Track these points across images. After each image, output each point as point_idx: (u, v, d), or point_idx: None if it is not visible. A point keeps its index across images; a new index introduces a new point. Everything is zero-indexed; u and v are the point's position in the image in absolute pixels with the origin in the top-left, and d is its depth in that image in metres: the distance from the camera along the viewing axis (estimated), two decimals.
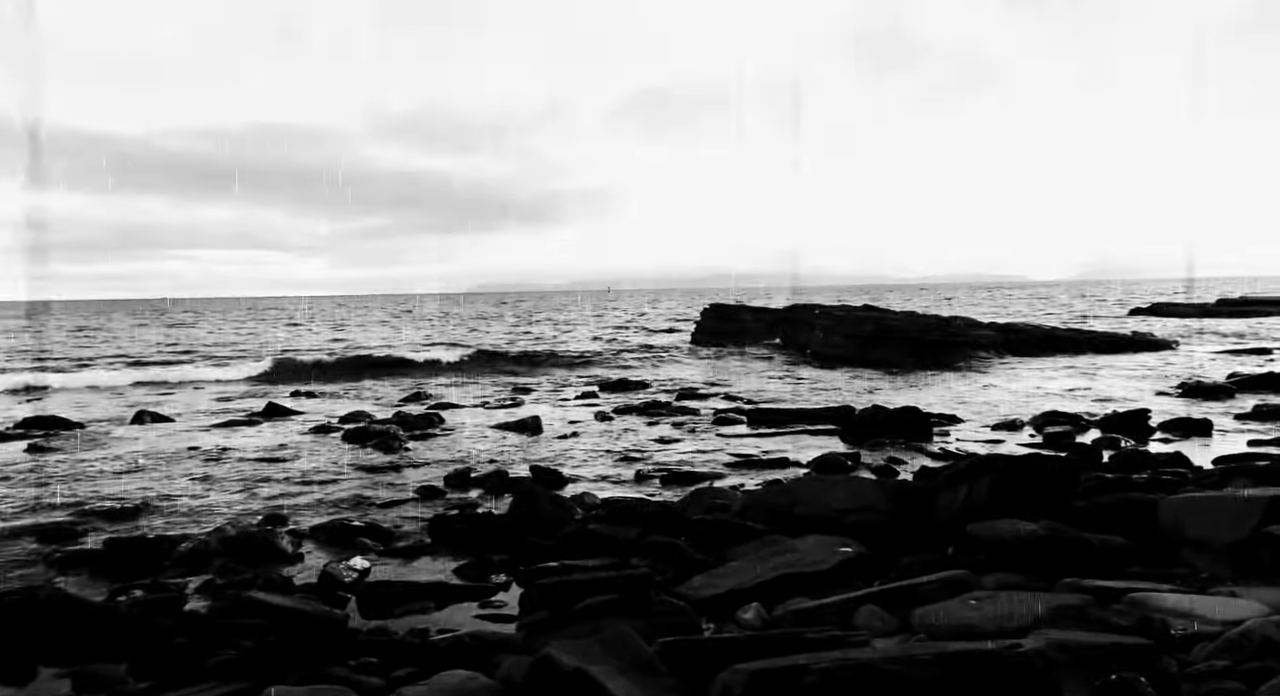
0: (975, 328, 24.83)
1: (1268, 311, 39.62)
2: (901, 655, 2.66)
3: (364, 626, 4.93)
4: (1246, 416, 12.22)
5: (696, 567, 5.68)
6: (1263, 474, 7.00)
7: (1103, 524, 5.58)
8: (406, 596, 5.35)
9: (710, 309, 30.70)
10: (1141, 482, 7.51)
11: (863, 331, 23.39)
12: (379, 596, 5.39)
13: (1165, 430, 11.28)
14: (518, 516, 6.95)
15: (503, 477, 9.12)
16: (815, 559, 5.46)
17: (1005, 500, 6.01)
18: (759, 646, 3.09)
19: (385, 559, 6.47)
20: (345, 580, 5.71)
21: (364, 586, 5.60)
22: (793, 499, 6.62)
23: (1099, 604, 4.12)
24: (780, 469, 9.63)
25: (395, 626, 4.95)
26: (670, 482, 9.03)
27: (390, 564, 6.36)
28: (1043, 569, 4.95)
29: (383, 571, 6.11)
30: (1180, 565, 5.00)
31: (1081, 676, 3.00)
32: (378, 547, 6.70)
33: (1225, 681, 3.12)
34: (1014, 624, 3.90)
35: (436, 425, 13.06)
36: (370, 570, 6.03)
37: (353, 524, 7.19)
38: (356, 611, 5.28)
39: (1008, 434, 11.56)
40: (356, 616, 5.18)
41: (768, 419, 12.99)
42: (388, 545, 6.77)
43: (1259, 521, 4.66)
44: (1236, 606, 3.87)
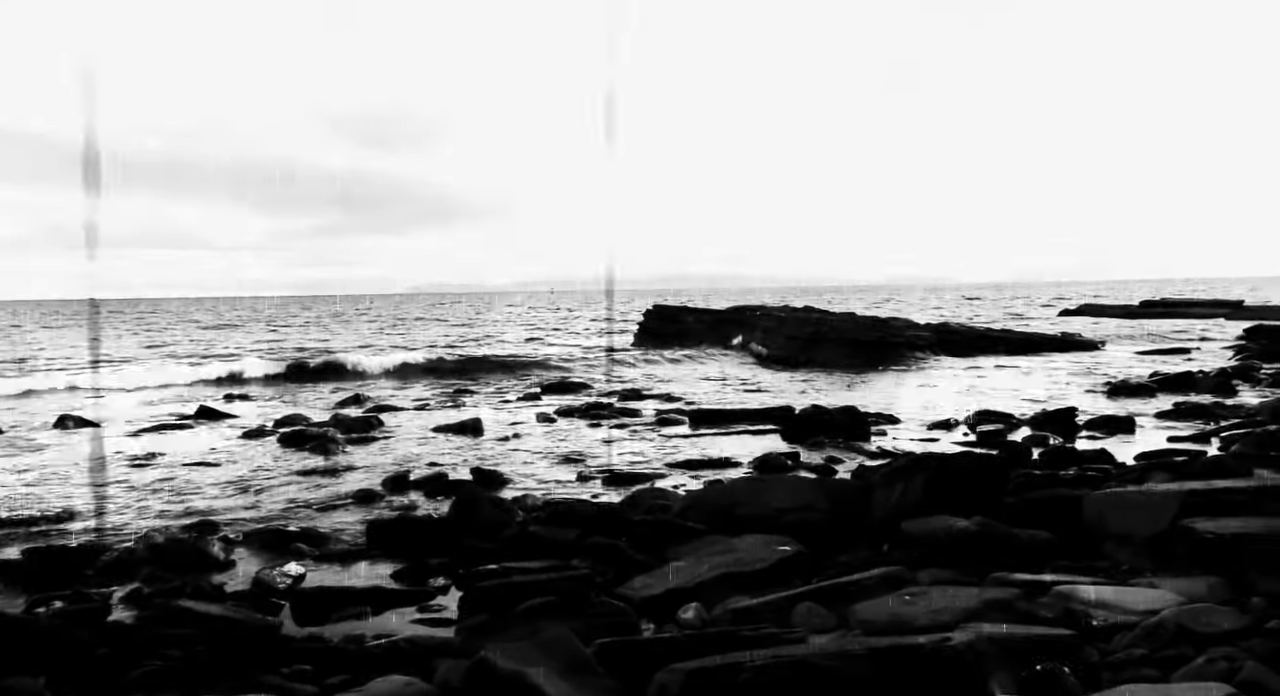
0: (912, 328, 25.33)
1: (1186, 313, 41.22)
2: (835, 651, 2.71)
3: (298, 633, 4.83)
4: (1167, 414, 12.67)
5: (637, 568, 5.69)
6: (1180, 469, 7.26)
7: (1031, 519, 5.74)
8: (342, 602, 5.26)
9: (653, 310, 30.81)
10: (1068, 479, 7.74)
11: (803, 332, 23.70)
12: (313, 602, 5.29)
13: (1091, 428, 11.64)
14: (457, 519, 6.88)
15: (443, 480, 9.02)
16: (755, 558, 5.51)
17: (939, 497, 6.15)
18: (696, 645, 3.11)
19: (321, 564, 6.35)
20: (279, 586, 5.59)
21: (298, 592, 5.49)
22: (733, 499, 6.68)
23: (1026, 597, 4.25)
24: (721, 469, 9.70)
25: (330, 632, 4.86)
26: (612, 483, 9.04)
27: (326, 569, 6.24)
28: (974, 564, 5.08)
29: (318, 577, 6.00)
30: (1103, 558, 5.17)
31: (1008, 667, 3.08)
32: (313, 553, 6.57)
33: (1142, 668, 3.24)
34: (946, 618, 3.99)
35: (376, 428, 12.86)
36: (305, 576, 5.91)
37: (287, 529, 7.04)
38: (290, 618, 5.17)
39: (942, 432, 11.81)
40: (290, 623, 5.07)
41: (709, 419, 13.08)
42: (323, 550, 6.64)
43: (1175, 515, 4.84)
44: (1153, 597, 4.02)
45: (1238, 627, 3.53)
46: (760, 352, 24.26)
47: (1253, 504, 4.97)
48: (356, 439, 11.86)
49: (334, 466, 10.02)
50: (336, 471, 9.77)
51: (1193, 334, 30.76)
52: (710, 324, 28.84)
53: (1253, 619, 3.61)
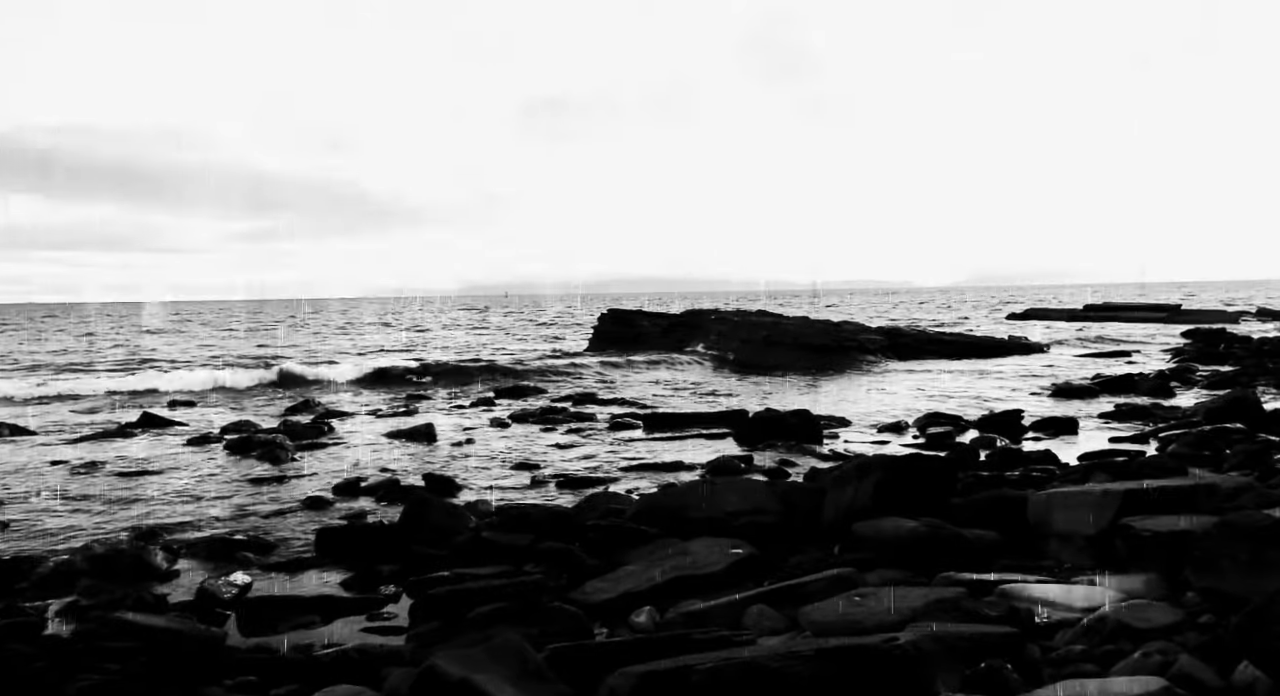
0: (864, 332, 25.67)
1: (1128, 316, 42.34)
2: (784, 652, 2.73)
3: (244, 644, 4.74)
4: (1108, 415, 12.99)
5: (591, 573, 5.68)
6: (1120, 469, 7.46)
7: (978, 519, 5.84)
8: (290, 611, 5.17)
9: (607, 314, 30.78)
10: (1014, 479, 7.91)
11: (757, 336, 23.88)
12: (260, 612, 5.19)
13: (1037, 429, 11.89)
14: (409, 525, 6.81)
15: (394, 486, 8.92)
16: (707, 561, 5.54)
17: (888, 499, 6.23)
18: (648, 649, 3.11)
19: (268, 573, 6.23)
20: (224, 596, 5.47)
21: (244, 602, 5.38)
22: (686, 502, 6.70)
23: (972, 596, 4.32)
24: (675, 472, 9.73)
25: (277, 642, 4.77)
26: (566, 488, 9.01)
27: (273, 578, 6.12)
28: (923, 564, 5.15)
29: (265, 586, 5.88)
30: (1047, 556, 5.27)
31: (953, 665, 3.14)
32: (260, 561, 6.45)
33: (1082, 664, 3.32)
34: (894, 618, 4.05)
35: (326, 434, 12.67)
36: (251, 585, 5.79)
37: (233, 537, 6.90)
38: (236, 628, 5.07)
39: (893, 435, 11.98)
40: (236, 634, 4.97)
41: (663, 423, 13.11)
42: (271, 558, 6.53)
43: (1115, 514, 4.97)
44: (1094, 594, 4.11)
45: (1173, 622, 3.63)
46: (715, 356, 24.38)
47: (1188, 502, 5.12)
48: (306, 445, 11.67)
49: (283, 473, 9.85)
50: (285, 478, 9.60)
51: (1133, 337, 31.59)
52: (665, 328, 28.89)
53: (1186, 614, 3.72)
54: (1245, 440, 9.45)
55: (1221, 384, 16.23)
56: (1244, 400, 11.44)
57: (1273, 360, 19.04)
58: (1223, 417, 10.84)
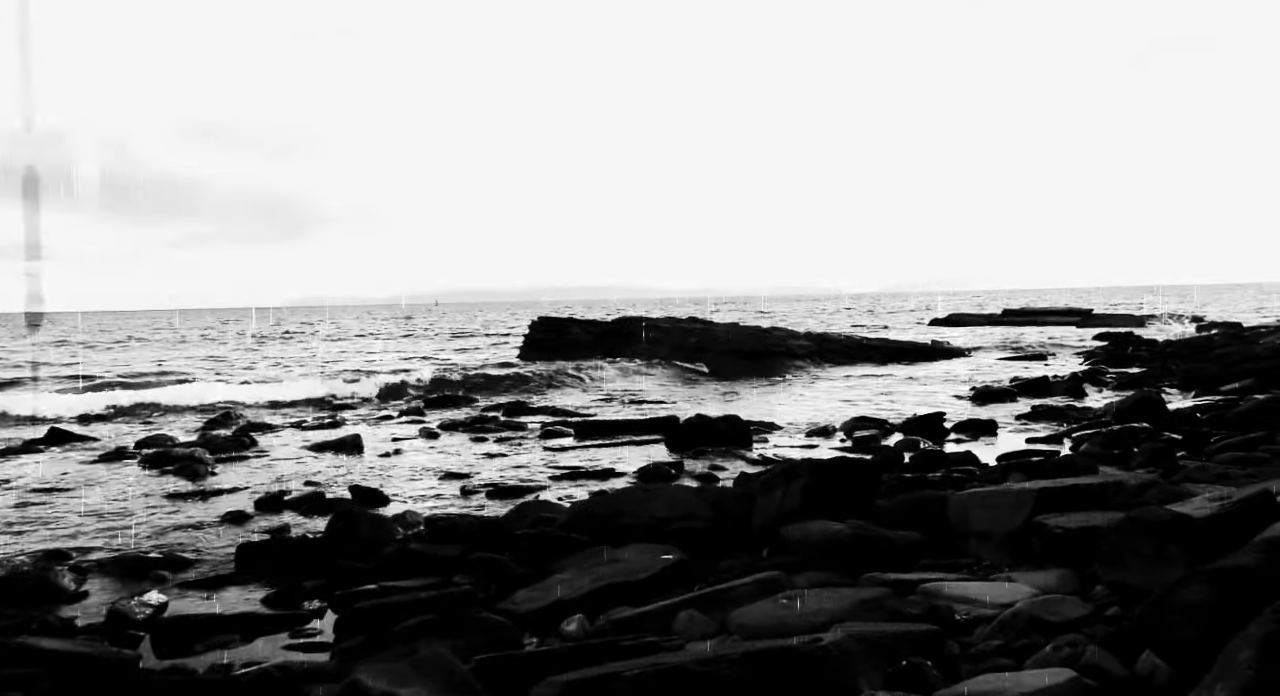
0: (793, 338, 26.07)
1: (1044, 320, 43.88)
2: (710, 656, 2.75)
3: (159, 666, 4.56)
4: (1026, 417, 13.43)
5: (521, 582, 5.64)
6: (1036, 468, 7.72)
7: (902, 520, 5.98)
8: (208, 630, 5.00)
9: (538, 322, 30.60)
10: (936, 480, 8.12)
11: (688, 343, 24.06)
12: (176, 632, 5.01)
13: (958, 431, 12.23)
14: (334, 538, 6.66)
15: (319, 499, 8.72)
16: (639, 567, 5.55)
17: (816, 502, 6.33)
18: (575, 657, 3.11)
19: (185, 591, 6.02)
20: (137, 617, 5.26)
21: (159, 622, 5.18)
22: (617, 509, 6.70)
23: (896, 595, 4.43)
24: (606, 479, 9.73)
25: (195, 663, 4.61)
26: (496, 497, 8.94)
27: (191, 596, 5.92)
28: (850, 565, 5.25)
29: (182, 605, 5.68)
30: (967, 555, 5.42)
31: (876, 664, 3.21)
32: (177, 579, 6.23)
33: (998, 658, 3.42)
34: (821, 619, 4.11)
35: (248, 447, 12.31)
36: (167, 604, 5.58)
37: (148, 555, 6.64)
38: (151, 650, 4.88)
39: (821, 439, 12.19)
40: (151, 656, 4.79)
41: (595, 431, 13.11)
42: (188, 576, 6.31)
43: (1030, 512, 5.14)
44: (1010, 590, 4.25)
45: (1082, 615, 3.78)
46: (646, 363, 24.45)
47: (1098, 499, 5.34)
48: (226, 459, 11.33)
49: (201, 488, 9.54)
50: (204, 493, 9.30)
51: (1049, 341, 32.74)
52: (597, 335, 28.84)
53: (1095, 607, 3.86)
54: (1151, 438, 9.88)
55: (1129, 385, 16.92)
56: (1149, 400, 11.96)
57: (1175, 362, 19.93)
58: (1130, 417, 11.32)
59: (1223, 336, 25.91)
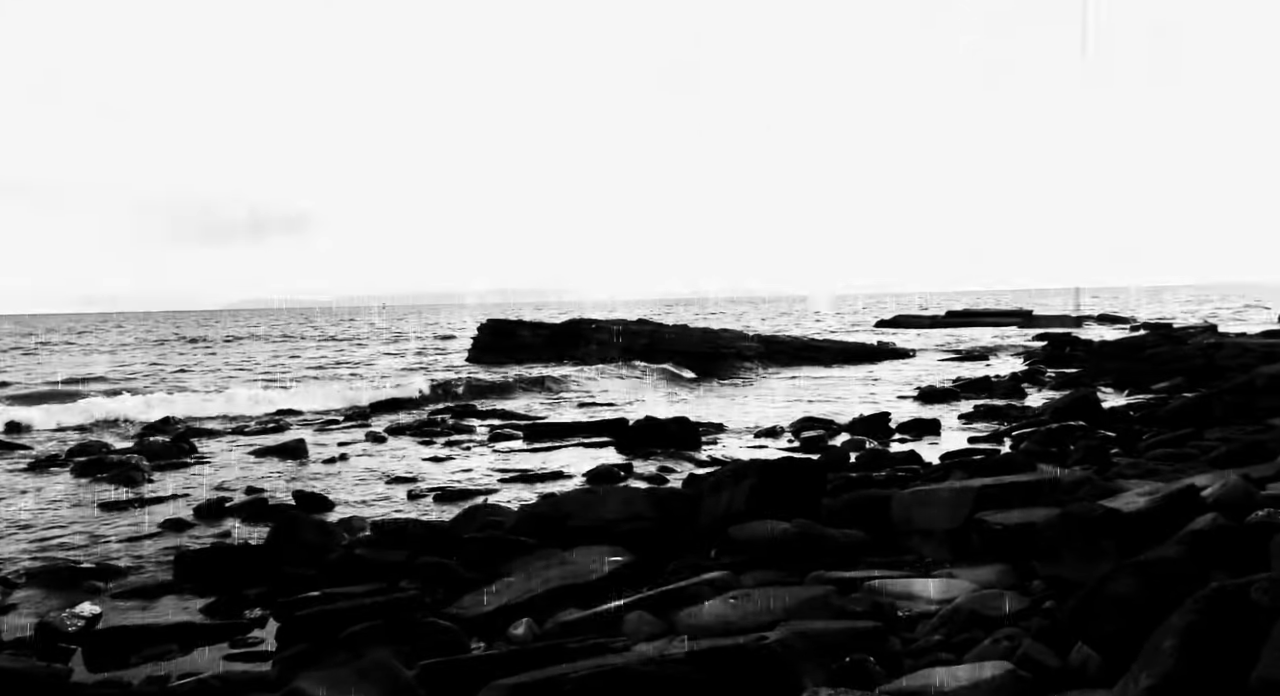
0: (741, 339, 26.27)
1: (986, 322, 44.86)
2: (656, 656, 2.77)
3: (91, 680, 4.44)
4: (968, 416, 13.71)
5: (469, 586, 5.60)
6: (977, 467, 7.88)
7: (847, 519, 6.06)
8: (143, 641, 4.87)
9: (487, 324, 30.37)
10: (881, 479, 8.25)
11: (638, 345, 24.10)
12: (110, 644, 4.87)
13: (903, 431, 12.44)
14: (277, 545, 6.54)
15: (262, 505, 8.55)
16: (587, 569, 5.55)
17: (763, 502, 6.38)
18: (521, 660, 3.09)
19: (120, 602, 5.85)
20: (68, 629, 5.10)
21: (92, 635, 5.03)
22: (565, 511, 6.69)
23: (840, 593, 4.49)
24: (555, 482, 9.70)
25: (130, 676, 4.50)
26: (444, 501, 8.86)
27: (126, 607, 5.76)
28: (796, 564, 5.31)
29: (117, 616, 5.52)
30: (910, 552, 5.52)
31: (820, 661, 3.25)
32: (111, 590, 6.05)
33: (940, 653, 3.49)
34: (767, 618, 4.16)
35: (187, 454, 12.02)
36: (101, 616, 5.42)
37: (80, 565, 6.44)
38: (83, 664, 4.74)
39: (769, 440, 12.30)
40: (83, 670, 4.65)
41: (544, 433, 13.06)
42: (123, 586, 6.13)
43: (970, 509, 5.25)
44: (951, 586, 4.34)
45: (1020, 609, 3.87)
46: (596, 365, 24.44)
47: (1035, 496, 5.47)
48: (165, 466, 11.05)
49: (139, 496, 9.28)
50: (141, 501, 9.06)
51: (991, 342, 33.47)
52: (546, 338, 28.74)
53: (1032, 601, 3.96)
54: (1086, 436, 10.16)
55: (1066, 384, 17.38)
56: (1085, 399, 12.31)
57: (1110, 362, 20.53)
58: (1067, 416, 11.63)
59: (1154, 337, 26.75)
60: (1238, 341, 20.23)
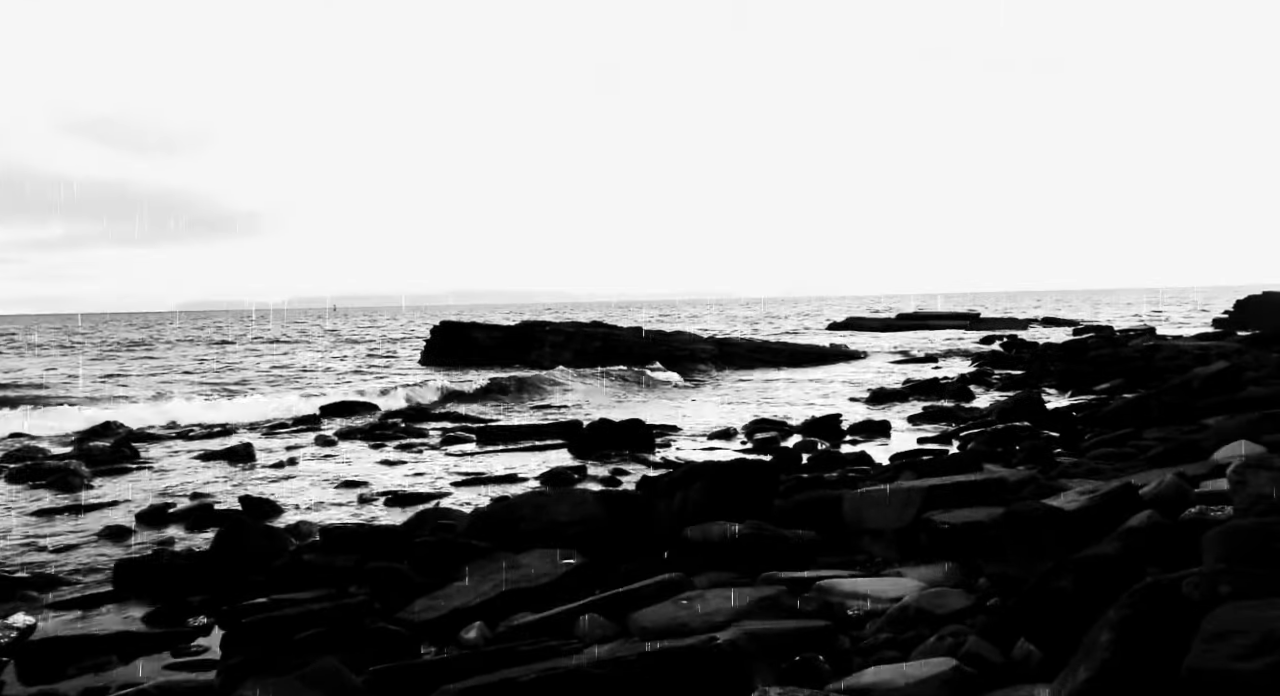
0: (695, 342, 26.40)
1: (936, 324, 45.67)
2: (608, 658, 2.77)
3: (24, 693, 4.30)
4: (918, 417, 13.93)
5: (420, 591, 5.53)
6: (926, 467, 8.01)
7: (799, 519, 6.12)
8: (81, 652, 4.72)
9: (440, 327, 30.13)
10: (832, 480, 8.34)
11: (592, 347, 24.08)
12: (46, 655, 4.71)
13: (854, 432, 12.59)
14: (222, 552, 6.40)
15: (207, 511, 8.37)
16: (540, 573, 5.52)
17: (716, 503, 6.42)
18: (473, 664, 3.07)
19: (57, 612, 5.67)
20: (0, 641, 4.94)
21: (27, 646, 4.87)
22: (518, 514, 6.65)
23: (792, 593, 4.53)
24: (508, 485, 9.65)
25: (66, 688, 4.36)
26: (395, 505, 8.75)
27: (64, 617, 5.59)
28: (749, 565, 5.35)
29: (53, 627, 5.36)
30: (861, 551, 5.59)
31: (770, 661, 3.28)
32: (47, 600, 5.86)
33: (887, 651, 3.54)
34: (719, 618, 4.18)
35: (129, 458, 11.71)
36: (35, 626, 5.26)
37: (13, 574, 6.24)
38: (15, 677, 4.59)
39: (722, 441, 12.37)
40: (16, 683, 4.50)
41: (497, 436, 12.99)
42: (60, 596, 5.95)
43: (919, 509, 5.34)
44: (900, 584, 4.40)
45: (966, 606, 3.94)
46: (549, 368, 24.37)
47: (982, 495, 5.58)
48: (106, 471, 10.75)
49: (77, 503, 9.02)
50: (80, 508, 8.80)
51: (939, 343, 34.06)
52: (500, 340, 28.60)
53: (978, 598, 4.04)
54: (1031, 436, 10.40)
55: (1012, 385, 17.76)
56: (1030, 400, 12.59)
57: (1053, 363, 21.02)
58: (1012, 417, 11.88)
59: (1096, 339, 27.47)
60: (1175, 344, 20.89)
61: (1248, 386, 10.56)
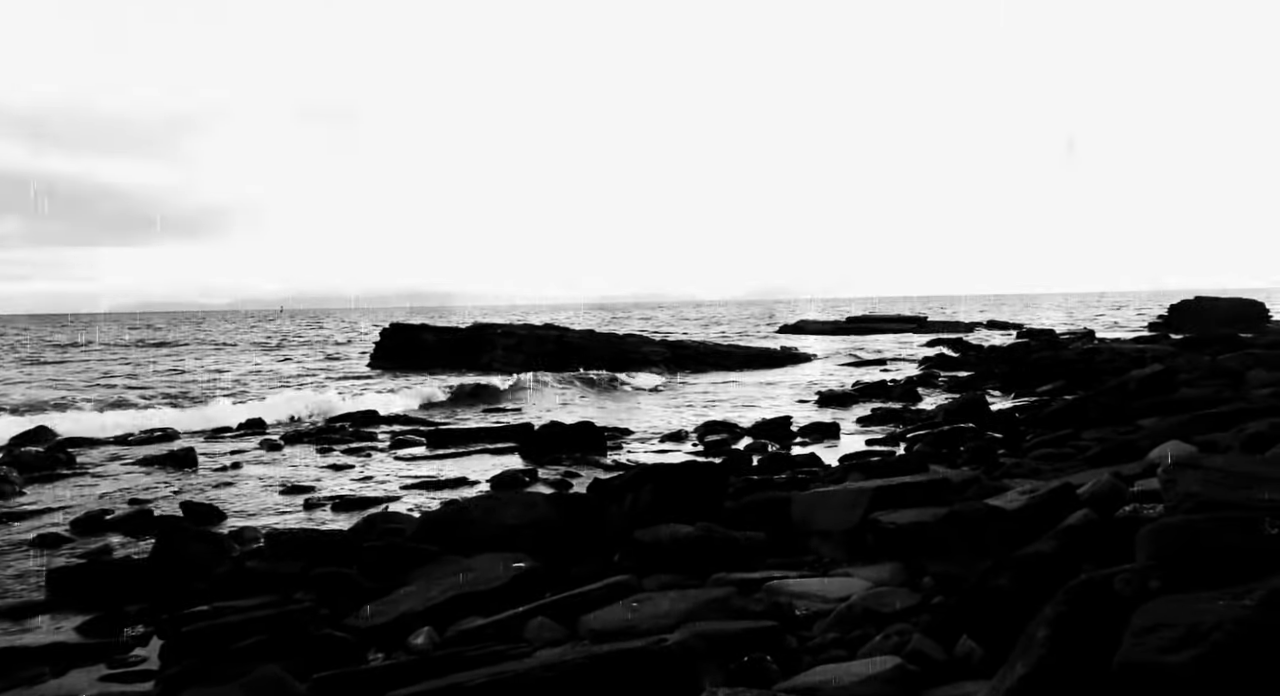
0: (647, 344, 26.46)
1: (885, 327, 46.37)
2: (556, 661, 2.76)
3: None
4: (866, 419, 14.12)
5: (368, 596, 5.46)
6: (873, 468, 8.13)
7: (749, 521, 6.17)
8: (12, 664, 4.57)
9: (390, 329, 29.76)
10: (781, 482, 8.43)
11: (544, 349, 23.99)
12: None
13: (804, 434, 12.71)
14: (162, 559, 6.24)
15: (146, 517, 8.16)
16: (489, 576, 5.48)
17: (666, 505, 6.44)
18: (419, 670, 3.04)
19: None
20: None
21: None
22: (468, 517, 6.60)
23: (741, 594, 4.56)
24: (459, 489, 9.57)
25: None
26: (342, 510, 8.63)
27: None
28: (699, 566, 5.37)
29: None
30: (810, 552, 5.65)
31: (719, 661, 3.30)
32: None
33: (835, 650, 3.59)
34: (669, 620, 4.19)
35: (64, 464, 11.36)
36: None
37: None
38: None
39: (674, 444, 12.41)
40: None
41: (448, 440, 12.87)
42: None
43: (866, 509, 5.42)
44: (847, 584, 4.46)
45: (911, 605, 4.01)
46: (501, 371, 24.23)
47: (927, 496, 5.68)
48: (39, 478, 10.43)
49: (9, 510, 8.73)
50: (11, 516, 8.52)
51: (888, 346, 34.58)
52: (451, 343, 28.34)
53: (923, 597, 4.11)
54: (976, 438, 10.60)
55: (958, 388, 18.10)
56: (974, 402, 12.85)
57: (998, 366, 21.48)
58: (958, 418, 12.11)
59: (1038, 342, 28.14)
60: (1113, 346, 21.48)
61: (1181, 388, 10.92)
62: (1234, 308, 34.32)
